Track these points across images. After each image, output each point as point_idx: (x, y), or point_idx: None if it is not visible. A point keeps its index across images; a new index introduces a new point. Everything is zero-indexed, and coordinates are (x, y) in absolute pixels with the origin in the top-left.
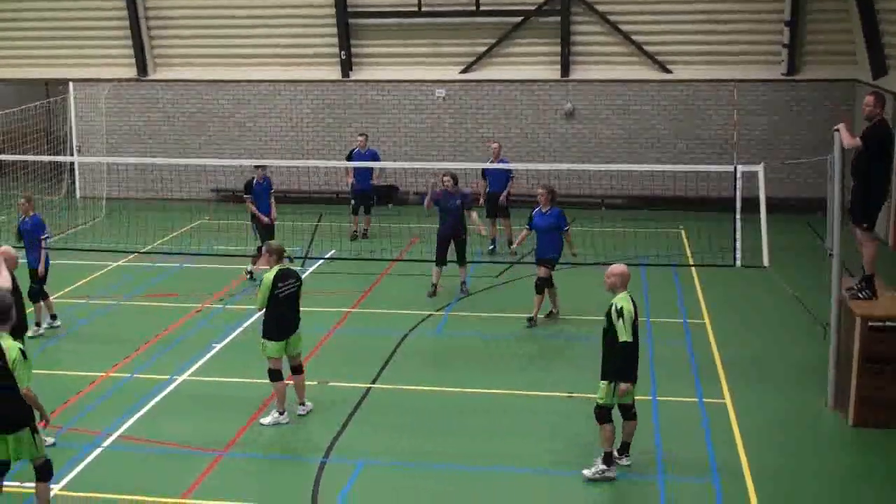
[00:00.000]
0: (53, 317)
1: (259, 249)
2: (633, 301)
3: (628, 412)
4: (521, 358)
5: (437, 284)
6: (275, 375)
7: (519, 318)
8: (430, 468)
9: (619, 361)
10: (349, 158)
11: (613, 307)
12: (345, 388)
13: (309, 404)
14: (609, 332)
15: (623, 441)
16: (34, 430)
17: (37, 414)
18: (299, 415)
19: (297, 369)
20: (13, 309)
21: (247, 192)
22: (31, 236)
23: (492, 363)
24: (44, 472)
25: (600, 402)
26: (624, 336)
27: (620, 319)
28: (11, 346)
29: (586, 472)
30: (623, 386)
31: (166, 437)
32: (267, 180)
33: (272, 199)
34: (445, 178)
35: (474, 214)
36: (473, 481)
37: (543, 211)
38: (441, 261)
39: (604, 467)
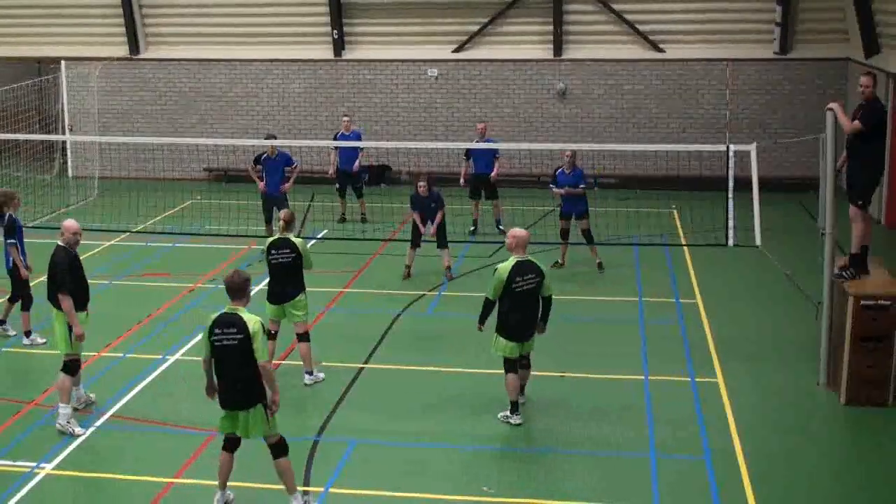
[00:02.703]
0: (1, 322)
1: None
2: (522, 267)
3: (520, 362)
4: None
5: (411, 266)
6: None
7: None
8: (422, 448)
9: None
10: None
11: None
12: (337, 367)
13: (320, 374)
14: None
15: (521, 384)
16: (266, 407)
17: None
18: (305, 384)
19: (300, 337)
20: (248, 284)
21: (255, 162)
22: None
23: (484, 343)
24: (280, 449)
25: (498, 353)
26: (487, 292)
27: (492, 278)
28: (253, 319)
29: (500, 414)
30: (479, 326)
31: (159, 416)
32: (282, 156)
33: (291, 178)
34: (420, 185)
35: (440, 214)
36: (466, 460)
37: (566, 171)
38: (415, 242)
39: (507, 414)
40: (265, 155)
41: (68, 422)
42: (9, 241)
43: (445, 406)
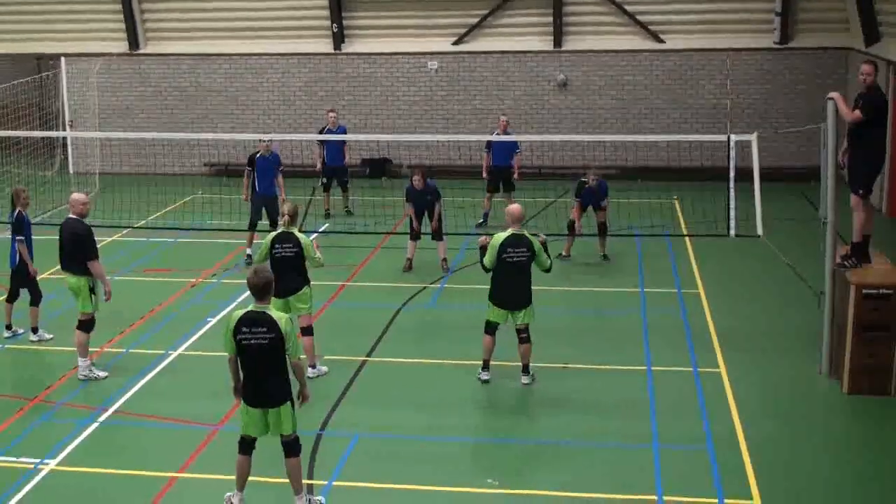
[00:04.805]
0: (8, 326)
1: (251, 226)
2: (515, 239)
3: (519, 336)
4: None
5: (412, 259)
6: None
7: None
8: (425, 440)
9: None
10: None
11: None
12: (340, 361)
13: (323, 368)
14: None
15: (522, 363)
16: (293, 404)
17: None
18: (308, 378)
19: (304, 330)
20: (272, 284)
21: (249, 164)
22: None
23: None
24: (294, 447)
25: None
26: (483, 260)
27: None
28: (283, 318)
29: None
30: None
31: (162, 411)
32: (275, 156)
33: (280, 177)
34: (415, 178)
35: (437, 207)
36: (471, 453)
37: (593, 186)
38: (415, 234)
39: (480, 371)
40: (259, 154)
41: (90, 370)
42: (17, 237)
43: (449, 399)
